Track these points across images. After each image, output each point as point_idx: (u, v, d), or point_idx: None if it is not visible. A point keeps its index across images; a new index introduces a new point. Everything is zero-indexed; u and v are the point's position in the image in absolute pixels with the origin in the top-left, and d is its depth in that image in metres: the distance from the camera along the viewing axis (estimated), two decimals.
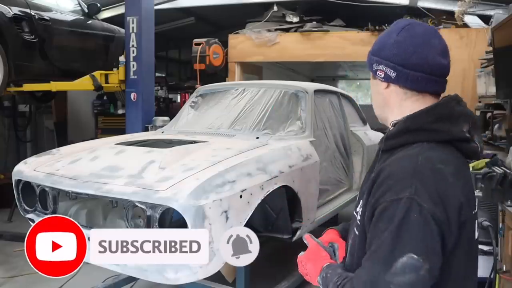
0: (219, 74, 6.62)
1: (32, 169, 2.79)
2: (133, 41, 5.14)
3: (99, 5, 5.74)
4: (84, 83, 5.20)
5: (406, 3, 6.22)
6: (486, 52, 4.66)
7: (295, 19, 6.70)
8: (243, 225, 2.27)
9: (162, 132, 3.76)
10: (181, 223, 2.12)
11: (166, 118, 5.08)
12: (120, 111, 7.26)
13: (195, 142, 2.99)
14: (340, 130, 4.08)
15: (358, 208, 1.16)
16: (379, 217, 1.03)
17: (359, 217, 1.14)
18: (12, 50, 4.47)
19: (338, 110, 4.17)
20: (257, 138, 3.13)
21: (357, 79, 15.25)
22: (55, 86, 5.18)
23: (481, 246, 2.40)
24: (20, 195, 2.85)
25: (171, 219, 2.32)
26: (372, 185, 1.08)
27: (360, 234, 1.13)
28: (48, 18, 4.97)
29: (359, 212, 1.15)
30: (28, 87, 5.24)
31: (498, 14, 5.03)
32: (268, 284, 3.24)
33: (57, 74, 5.22)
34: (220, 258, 1.96)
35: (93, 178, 2.44)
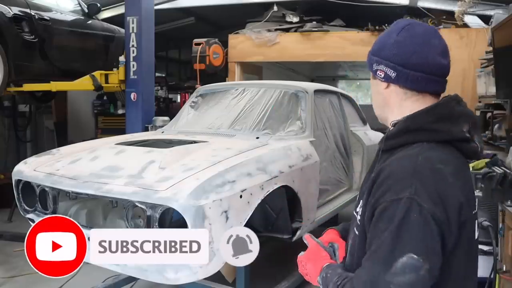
0: (219, 74, 6.61)
1: (32, 169, 2.79)
2: (133, 41, 5.14)
3: (99, 5, 5.74)
4: (84, 83, 5.20)
5: (406, 3, 6.22)
6: (486, 52, 4.66)
7: (295, 19, 6.70)
8: (243, 225, 2.27)
9: (162, 132, 3.76)
10: (181, 223, 2.12)
11: (166, 118, 5.08)
12: (120, 111, 7.27)
13: (195, 142, 2.99)
14: (340, 130, 4.08)
15: (358, 208, 1.16)
16: (379, 217, 1.03)
17: (359, 217, 1.14)
18: (12, 50, 4.47)
19: (338, 110, 4.16)
20: (257, 138, 3.13)
21: (357, 79, 15.25)
22: (55, 86, 5.18)
23: (481, 246, 2.40)
24: (20, 195, 2.85)
25: (171, 219, 2.32)
26: (372, 185, 1.08)
27: (360, 234, 1.13)
28: (48, 18, 4.97)
29: (359, 212, 1.15)
30: (28, 87, 5.24)
31: (498, 14, 5.03)
32: (268, 284, 3.24)
33: (57, 74, 5.22)
34: (220, 258, 1.96)
35: (93, 178, 2.44)
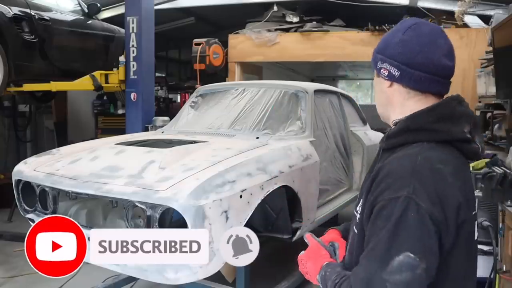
0: (219, 74, 6.62)
1: (32, 169, 2.79)
2: (133, 41, 5.14)
3: (99, 5, 5.74)
4: (84, 83, 5.20)
5: (406, 3, 6.22)
6: (486, 52, 4.66)
7: (295, 19, 6.70)
8: (243, 225, 2.27)
9: (162, 132, 3.76)
10: (181, 223, 2.12)
11: (166, 118, 5.08)
12: (120, 111, 7.27)
13: (195, 142, 2.99)
14: (340, 130, 4.07)
15: (358, 207, 1.16)
16: (377, 215, 1.03)
17: (358, 216, 1.14)
18: (12, 50, 4.47)
19: (338, 110, 4.16)
20: (257, 138, 3.13)
21: (357, 79, 15.26)
22: (55, 86, 5.18)
23: (481, 246, 2.41)
24: (20, 195, 2.85)
25: (171, 219, 2.31)
26: (371, 183, 1.09)
27: (359, 232, 1.13)
28: (48, 18, 4.97)
29: (358, 211, 1.15)
30: (28, 87, 5.24)
31: (498, 14, 5.03)
32: (268, 284, 3.24)
33: (57, 74, 5.22)
34: (220, 258, 1.96)
35: (93, 178, 2.44)
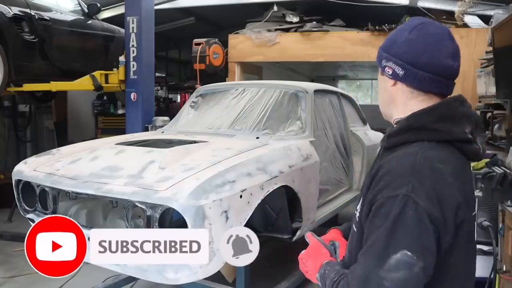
0: (219, 74, 6.62)
1: (32, 169, 2.79)
2: (133, 41, 5.14)
3: (99, 5, 5.74)
4: (84, 83, 5.20)
5: (406, 3, 6.22)
6: (486, 52, 4.66)
7: (295, 19, 6.70)
8: (243, 225, 2.27)
9: (162, 132, 3.76)
10: (181, 223, 2.12)
11: (166, 118, 5.08)
12: (120, 111, 7.27)
13: (195, 142, 2.99)
14: (340, 130, 4.07)
15: (358, 206, 1.16)
16: (376, 212, 1.03)
17: (358, 214, 1.14)
18: (12, 50, 4.47)
19: (338, 110, 4.16)
20: (257, 138, 3.13)
21: (357, 79, 15.25)
22: (55, 86, 5.18)
23: (481, 246, 2.41)
24: (20, 195, 2.85)
25: (171, 219, 2.31)
26: (371, 181, 1.09)
27: (358, 230, 1.14)
28: (48, 18, 4.97)
29: (358, 210, 1.15)
30: (28, 87, 5.24)
31: (498, 14, 5.03)
32: (268, 284, 3.24)
33: (57, 74, 5.22)
34: (220, 258, 1.96)
35: (93, 178, 2.44)
